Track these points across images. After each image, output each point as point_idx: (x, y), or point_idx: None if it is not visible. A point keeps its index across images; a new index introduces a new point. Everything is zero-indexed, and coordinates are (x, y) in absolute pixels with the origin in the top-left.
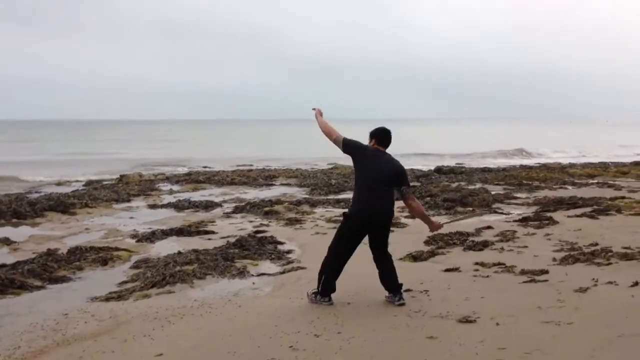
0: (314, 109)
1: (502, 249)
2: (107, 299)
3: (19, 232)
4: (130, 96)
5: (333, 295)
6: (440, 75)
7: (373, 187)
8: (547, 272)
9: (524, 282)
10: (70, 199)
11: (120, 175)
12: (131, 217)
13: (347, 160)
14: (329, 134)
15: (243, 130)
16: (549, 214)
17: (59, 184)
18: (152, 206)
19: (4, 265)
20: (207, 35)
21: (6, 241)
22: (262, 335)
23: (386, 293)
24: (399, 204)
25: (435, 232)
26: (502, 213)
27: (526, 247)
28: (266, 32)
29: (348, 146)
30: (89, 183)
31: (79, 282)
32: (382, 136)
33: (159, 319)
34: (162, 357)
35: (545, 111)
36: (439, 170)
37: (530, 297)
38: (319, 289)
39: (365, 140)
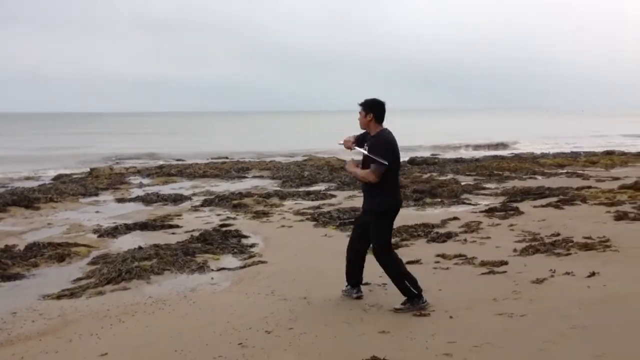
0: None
1: (465, 240)
2: (59, 296)
3: None
4: (112, 89)
5: (290, 292)
6: (427, 66)
7: (398, 173)
8: (506, 263)
9: (483, 273)
10: (35, 194)
11: (91, 169)
12: (97, 212)
13: (322, 153)
14: (368, 178)
15: (224, 122)
16: (515, 205)
17: (27, 178)
18: (120, 200)
19: None
20: (191, 28)
21: None
22: (212, 332)
23: (344, 286)
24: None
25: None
26: (469, 204)
27: (489, 238)
28: (251, 25)
29: (389, 158)
30: (58, 177)
31: (32, 279)
32: (381, 110)
33: (110, 317)
34: (106, 357)
35: (524, 102)
36: (412, 161)
37: (487, 289)
38: (411, 294)
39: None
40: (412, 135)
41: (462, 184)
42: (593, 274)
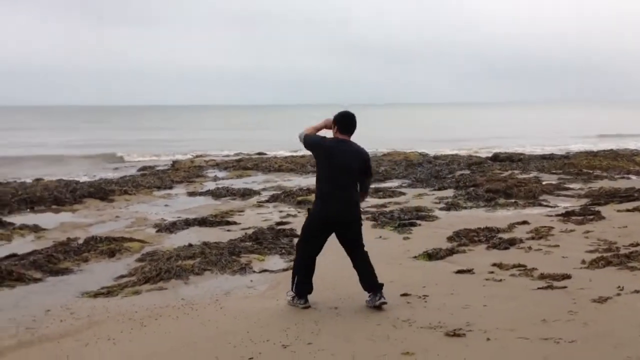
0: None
1: (530, 248)
2: (96, 294)
3: (52, 219)
4: (204, 82)
5: (324, 300)
6: (520, 57)
7: (334, 182)
8: (569, 277)
9: (540, 288)
10: (111, 186)
11: (173, 161)
12: (166, 205)
13: (402, 146)
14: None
15: (314, 114)
16: (597, 208)
17: (115, 169)
18: (191, 194)
19: (14, 255)
20: (273, 21)
21: (35, 229)
22: (226, 343)
23: (366, 296)
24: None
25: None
26: (547, 206)
27: (557, 246)
28: (335, 17)
29: (306, 143)
30: (142, 169)
31: (79, 274)
32: (345, 122)
33: (134, 320)
34: None
35: (630, 94)
36: (496, 157)
37: (539, 307)
38: (293, 290)
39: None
40: (503, 128)
41: (544, 183)
42: None
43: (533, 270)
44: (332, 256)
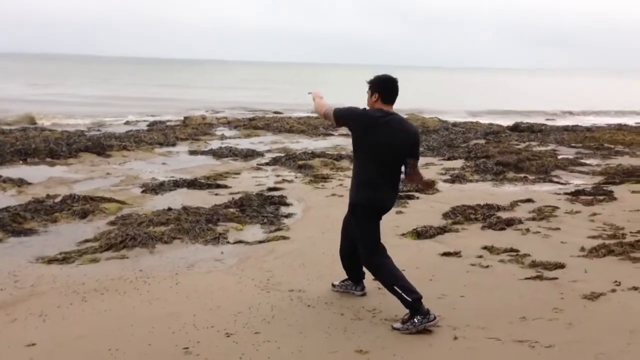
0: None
1: (528, 230)
2: (51, 260)
3: (41, 173)
4: (235, 37)
5: (289, 281)
6: (552, 22)
7: (383, 166)
8: (562, 266)
9: (527, 278)
10: (111, 141)
11: (184, 117)
12: (163, 163)
13: (425, 111)
14: (319, 110)
15: (342, 75)
16: (610, 188)
17: (127, 123)
18: (193, 152)
19: None
20: None
21: (19, 182)
22: (166, 328)
23: (344, 277)
24: None
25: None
26: (558, 182)
27: (558, 229)
28: None
29: (342, 116)
30: (152, 123)
31: (42, 236)
32: (389, 89)
33: (78, 293)
34: (33, 347)
35: None
36: (516, 127)
37: (522, 302)
38: (409, 308)
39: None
40: (533, 97)
41: (559, 157)
42: None
43: (525, 257)
44: (307, 231)
